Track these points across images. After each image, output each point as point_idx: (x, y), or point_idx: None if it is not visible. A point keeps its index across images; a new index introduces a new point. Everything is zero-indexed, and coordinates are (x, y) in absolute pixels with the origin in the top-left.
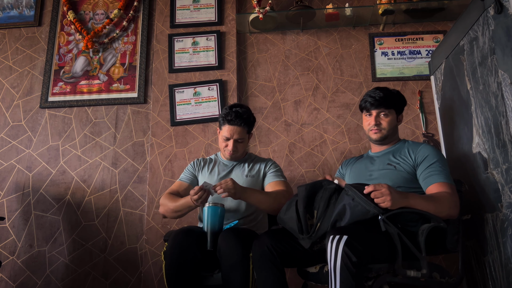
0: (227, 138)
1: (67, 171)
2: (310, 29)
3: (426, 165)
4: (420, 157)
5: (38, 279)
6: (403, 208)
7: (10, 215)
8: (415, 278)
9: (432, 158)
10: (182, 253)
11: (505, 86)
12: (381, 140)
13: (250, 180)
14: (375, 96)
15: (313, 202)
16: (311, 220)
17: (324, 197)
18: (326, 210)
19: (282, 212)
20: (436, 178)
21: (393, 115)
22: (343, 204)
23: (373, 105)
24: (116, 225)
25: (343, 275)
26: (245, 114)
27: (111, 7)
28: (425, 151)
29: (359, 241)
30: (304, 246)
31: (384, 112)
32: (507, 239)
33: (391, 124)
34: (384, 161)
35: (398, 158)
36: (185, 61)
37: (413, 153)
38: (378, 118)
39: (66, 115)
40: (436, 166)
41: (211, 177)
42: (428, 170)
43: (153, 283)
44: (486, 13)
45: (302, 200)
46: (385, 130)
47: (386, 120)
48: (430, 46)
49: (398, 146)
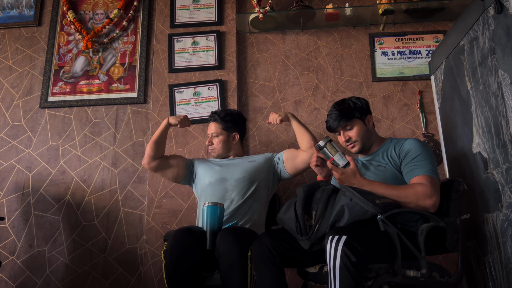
0: (208, 134)
1: (67, 171)
2: (310, 29)
3: (408, 160)
4: (403, 152)
5: (38, 279)
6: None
7: (10, 215)
8: (415, 278)
9: (414, 152)
10: (182, 253)
11: (505, 86)
12: (360, 152)
13: (248, 177)
14: (332, 116)
15: (311, 203)
16: (309, 221)
17: (323, 198)
18: (324, 211)
19: (282, 212)
20: (416, 171)
21: (358, 124)
22: (341, 205)
23: (335, 125)
24: (116, 225)
25: (343, 275)
26: (222, 113)
27: (111, 7)
28: (407, 145)
29: (359, 241)
30: (303, 246)
31: (348, 126)
32: (507, 239)
33: (359, 133)
34: (374, 163)
35: (386, 159)
36: (185, 61)
37: (398, 149)
38: (345, 134)
39: (66, 115)
40: (418, 160)
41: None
42: (409, 165)
43: (153, 283)
44: (486, 13)
45: (300, 202)
46: (358, 141)
47: (353, 132)
48: (430, 46)
49: (385, 147)
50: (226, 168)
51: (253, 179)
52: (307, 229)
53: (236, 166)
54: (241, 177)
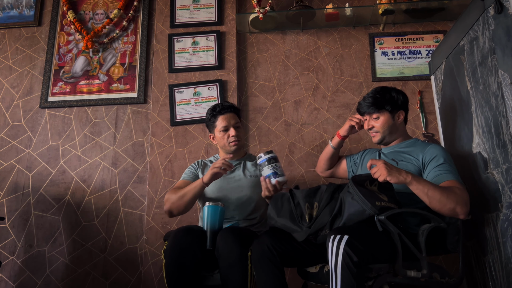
0: (225, 128)
1: (67, 171)
2: (310, 29)
3: (435, 165)
4: (428, 156)
5: (38, 279)
6: (402, 208)
7: (10, 215)
8: (415, 278)
9: (442, 158)
10: (182, 252)
11: (505, 86)
12: (380, 143)
13: (254, 180)
14: (366, 101)
15: (315, 194)
16: (310, 209)
17: (329, 190)
18: (328, 203)
19: (273, 212)
20: (447, 176)
21: (386, 116)
22: (343, 201)
23: (363, 110)
24: (116, 225)
25: (344, 275)
26: (229, 103)
27: (111, 7)
28: (434, 150)
29: (360, 240)
30: (298, 239)
31: (375, 115)
32: (507, 239)
33: (384, 126)
34: (390, 156)
35: (404, 156)
36: (185, 61)
37: (421, 152)
38: (371, 122)
39: (66, 115)
40: (446, 166)
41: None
42: (437, 169)
43: (153, 283)
44: (486, 13)
45: (302, 192)
46: (380, 132)
47: (378, 123)
48: (430, 46)
49: (408, 144)
50: (227, 184)
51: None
52: (306, 217)
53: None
54: (242, 196)
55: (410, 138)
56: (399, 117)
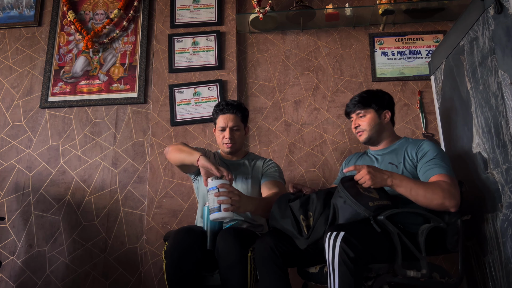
0: (222, 128)
1: (67, 171)
2: (310, 29)
3: (426, 160)
4: (420, 153)
5: (38, 279)
6: (395, 208)
7: (10, 215)
8: (415, 278)
9: (433, 153)
10: (182, 252)
11: (505, 86)
12: (366, 142)
13: (254, 180)
14: (352, 101)
15: (307, 204)
16: (306, 220)
17: (320, 198)
18: (322, 212)
19: (277, 213)
20: (436, 170)
21: (372, 114)
22: (336, 207)
23: (349, 109)
24: (116, 225)
25: (342, 271)
26: (235, 102)
27: (111, 7)
28: (425, 147)
29: (357, 237)
30: (300, 247)
31: (361, 113)
32: (507, 239)
33: (370, 123)
34: (386, 160)
35: (400, 157)
36: (185, 61)
37: (414, 150)
38: (357, 121)
39: (66, 115)
40: (436, 161)
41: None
42: (427, 164)
43: (153, 283)
44: (486, 13)
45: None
46: (366, 130)
47: (364, 121)
48: (430, 46)
49: (399, 145)
50: None
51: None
52: (304, 228)
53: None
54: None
55: (400, 138)
56: (385, 116)
